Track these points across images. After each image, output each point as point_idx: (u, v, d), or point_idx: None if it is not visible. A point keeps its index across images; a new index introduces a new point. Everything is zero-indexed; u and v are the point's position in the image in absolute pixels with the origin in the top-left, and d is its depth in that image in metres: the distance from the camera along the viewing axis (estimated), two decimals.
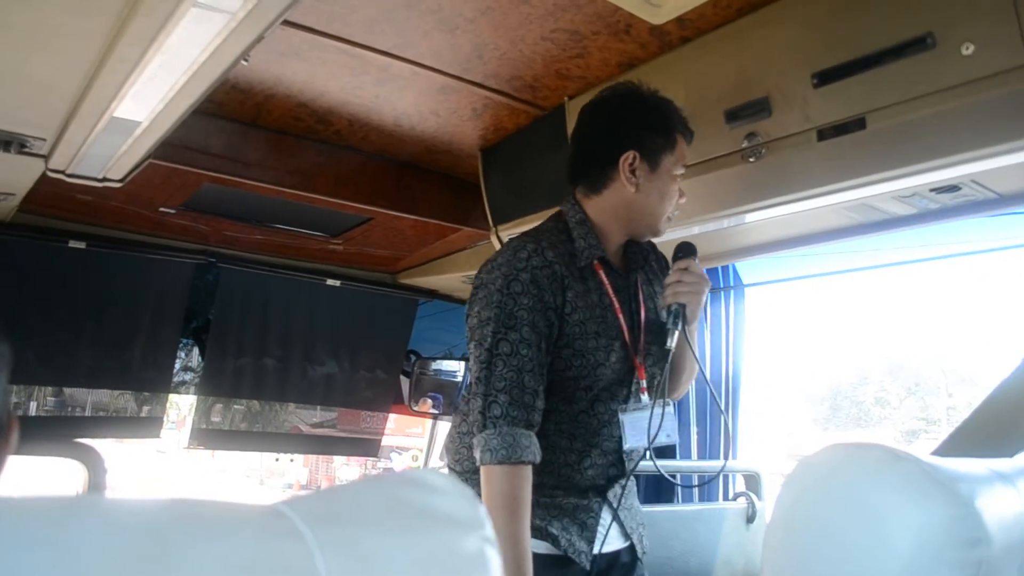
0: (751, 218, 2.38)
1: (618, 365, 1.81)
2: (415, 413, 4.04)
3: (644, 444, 1.81)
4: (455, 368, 3.94)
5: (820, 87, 1.83)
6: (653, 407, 1.81)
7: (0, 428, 0.79)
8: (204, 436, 3.71)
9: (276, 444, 4.12)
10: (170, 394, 3.58)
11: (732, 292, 3.33)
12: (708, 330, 3.36)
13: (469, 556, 0.49)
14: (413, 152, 2.93)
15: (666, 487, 3.32)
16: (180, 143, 2.46)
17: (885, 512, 0.64)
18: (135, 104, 1.65)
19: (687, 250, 1.86)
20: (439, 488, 0.51)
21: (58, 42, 1.38)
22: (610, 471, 1.85)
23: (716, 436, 3.29)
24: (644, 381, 1.84)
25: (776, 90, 1.92)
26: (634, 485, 1.99)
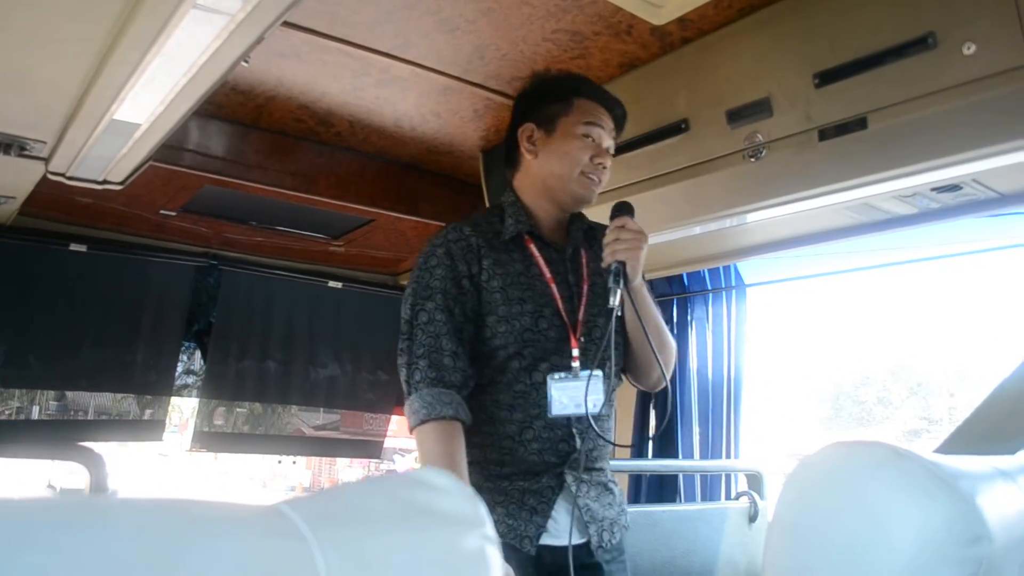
0: (753, 218, 2.38)
1: (552, 333, 1.80)
2: None
3: (570, 413, 1.76)
4: None
5: (821, 87, 1.83)
6: (590, 379, 1.75)
7: None
8: (206, 439, 3.71)
9: (279, 447, 4.12)
10: (172, 397, 3.58)
11: (734, 292, 3.33)
12: (710, 330, 3.36)
13: (470, 555, 0.49)
14: (414, 153, 2.93)
15: (668, 487, 3.32)
16: (180, 145, 2.46)
17: (887, 510, 0.64)
18: (135, 106, 1.65)
19: (622, 208, 1.82)
20: (439, 487, 0.51)
21: (58, 45, 1.38)
22: (560, 446, 1.77)
23: (718, 435, 3.29)
24: (576, 350, 1.80)
25: (777, 90, 1.92)
26: (608, 479, 1.88)
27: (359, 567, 0.43)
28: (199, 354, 3.62)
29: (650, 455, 3.38)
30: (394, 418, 4.18)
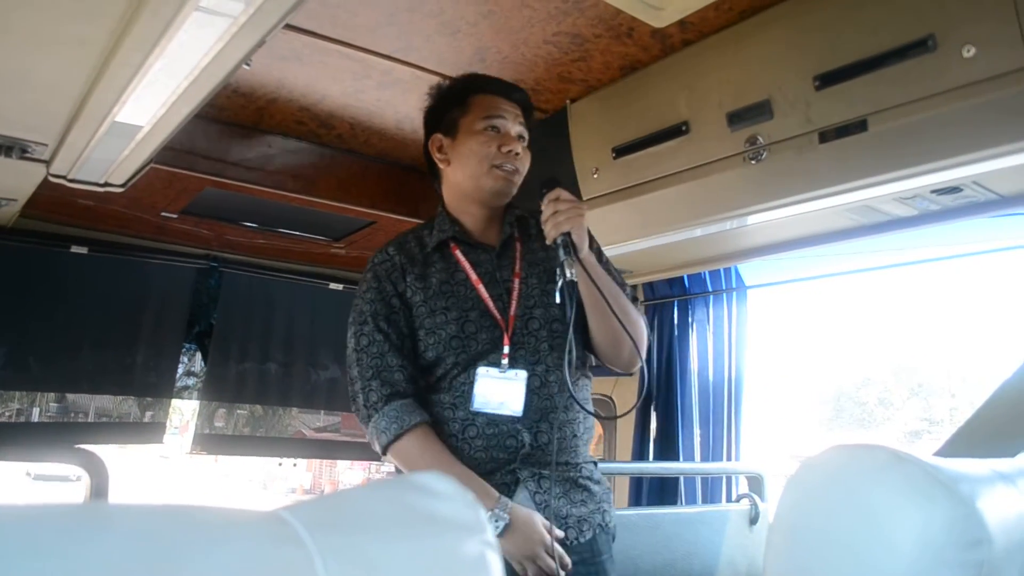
0: (753, 220, 2.38)
1: (482, 335, 1.79)
2: None
3: (491, 411, 1.75)
4: None
5: (821, 89, 1.84)
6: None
7: None
8: (207, 441, 3.70)
9: (279, 449, 4.11)
10: (173, 399, 3.57)
11: (735, 294, 3.33)
12: (711, 332, 3.36)
13: (470, 560, 0.49)
14: (415, 155, 2.93)
15: (669, 489, 3.32)
16: (182, 147, 2.46)
17: (887, 513, 0.64)
18: (137, 109, 1.65)
19: (551, 183, 1.80)
20: (440, 493, 0.51)
21: (60, 47, 1.39)
22: (508, 442, 1.74)
23: (719, 437, 3.29)
24: (507, 347, 1.78)
25: (778, 92, 1.93)
26: (583, 475, 1.82)
27: (360, 573, 0.43)
28: (200, 356, 3.62)
29: (651, 457, 3.38)
30: None
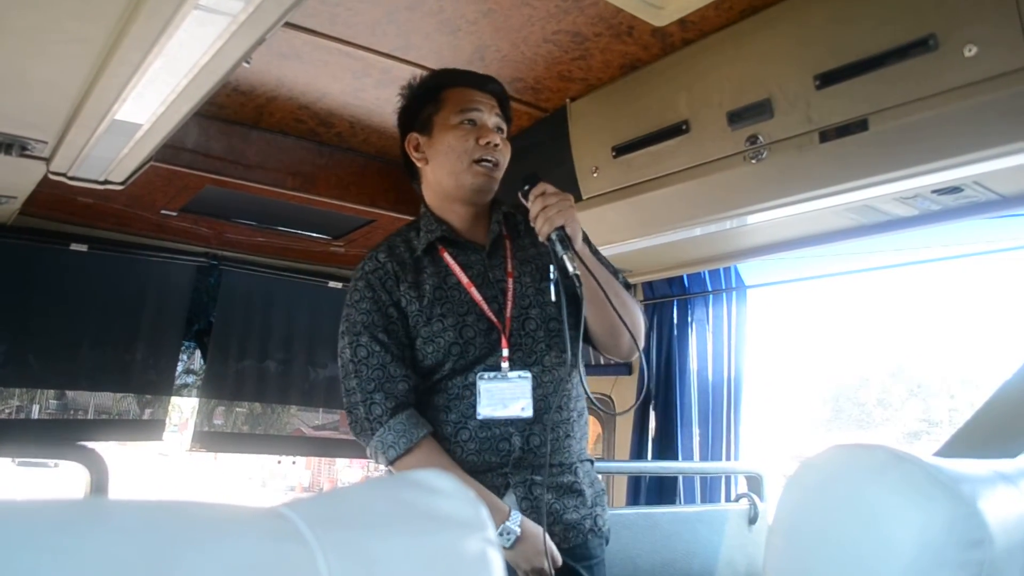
0: (753, 220, 2.38)
1: (480, 339, 1.76)
2: None
3: (498, 416, 1.73)
4: None
5: (822, 89, 1.83)
6: (518, 381, 1.75)
7: None
8: (206, 439, 3.70)
9: (278, 446, 4.11)
10: (172, 397, 3.58)
11: (734, 294, 3.33)
12: (710, 332, 3.36)
13: (471, 557, 0.49)
14: None
15: (668, 489, 3.32)
16: (181, 145, 2.46)
17: (887, 513, 0.64)
18: (136, 107, 1.65)
19: (532, 179, 1.77)
20: (441, 490, 0.51)
21: (60, 46, 1.38)
22: (500, 445, 1.72)
23: (718, 437, 3.29)
24: (507, 350, 1.76)
25: (778, 92, 1.92)
26: (576, 479, 1.80)
27: (361, 570, 0.43)
28: (199, 354, 3.62)
29: (649, 456, 3.38)
30: None
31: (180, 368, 3.58)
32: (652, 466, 3.24)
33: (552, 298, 1.80)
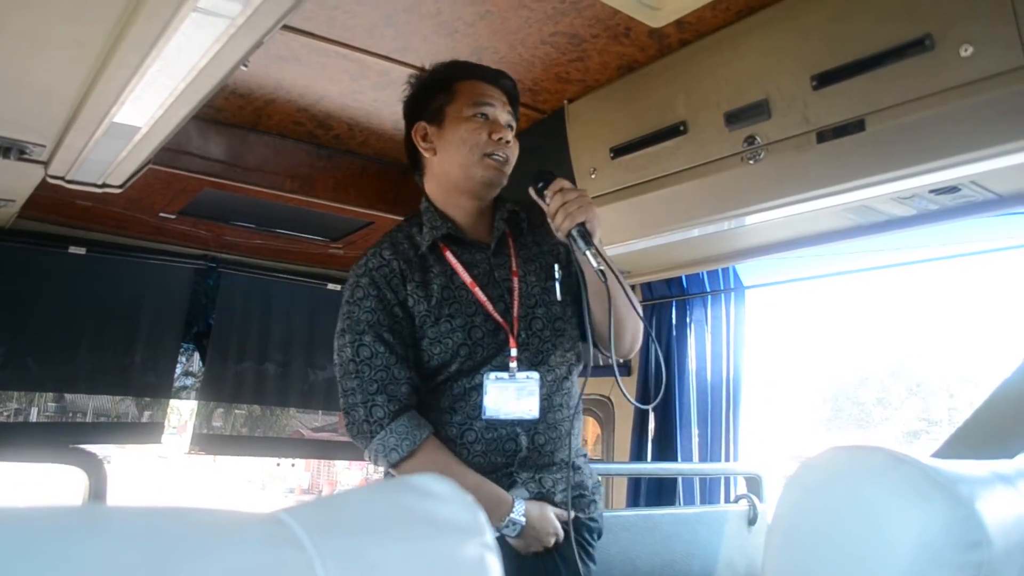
0: (751, 220, 2.38)
1: (487, 340, 1.74)
2: None
3: (504, 416, 1.71)
4: None
5: (819, 89, 1.83)
6: (526, 382, 1.75)
7: None
8: (205, 441, 3.70)
9: (277, 449, 4.11)
10: (171, 399, 3.57)
11: (732, 294, 3.33)
12: (709, 332, 3.36)
13: (469, 562, 0.49)
14: None
15: (667, 490, 3.32)
16: (180, 148, 2.46)
17: (886, 514, 0.64)
18: (135, 110, 1.65)
19: (547, 175, 1.75)
20: (439, 495, 0.51)
21: (58, 49, 1.38)
22: (507, 446, 1.71)
23: (717, 438, 3.29)
24: (515, 350, 1.74)
25: (775, 92, 1.93)
26: (580, 477, 1.82)
27: (359, 575, 0.43)
28: (198, 356, 3.62)
29: (649, 458, 3.38)
30: None
31: (179, 370, 3.58)
32: (651, 467, 3.24)
33: (558, 297, 1.81)
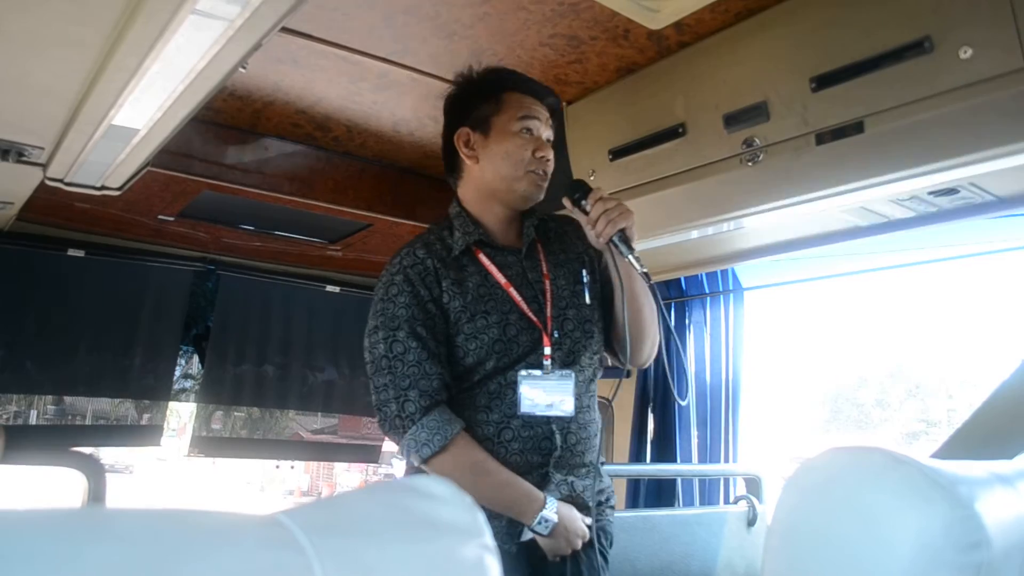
0: (750, 222, 2.38)
1: (523, 337, 1.77)
2: None
3: (540, 413, 1.75)
4: None
5: (818, 91, 1.84)
6: (574, 375, 1.79)
7: None
8: (204, 443, 3.70)
9: (277, 451, 4.11)
10: (170, 402, 3.58)
11: (731, 296, 3.33)
12: (708, 334, 3.36)
13: (469, 564, 0.49)
14: (411, 158, 2.94)
15: (667, 491, 3.32)
16: (178, 150, 2.46)
17: (885, 515, 0.64)
18: (133, 112, 1.65)
19: (582, 186, 1.82)
20: (438, 496, 0.51)
21: (56, 51, 1.38)
22: (543, 444, 1.74)
23: (717, 439, 3.29)
24: (549, 348, 1.78)
25: (774, 94, 1.93)
26: (600, 482, 1.85)
27: None
28: (197, 358, 3.62)
29: (648, 459, 3.38)
30: None
31: (178, 373, 3.58)
32: (651, 469, 3.25)
33: (587, 300, 1.86)
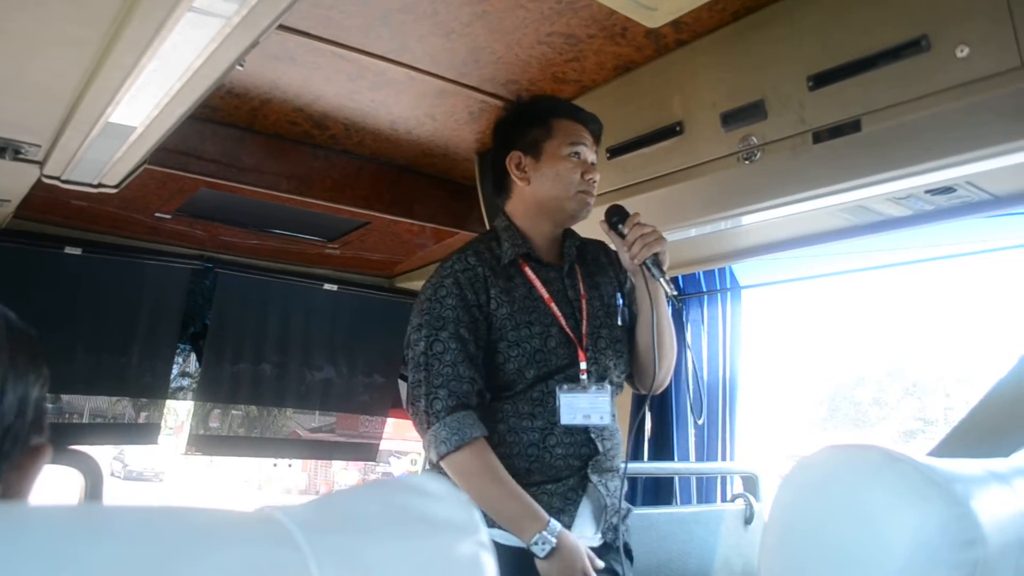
0: (747, 220, 2.38)
1: (561, 350, 1.88)
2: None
3: (579, 423, 1.85)
4: None
5: (815, 90, 1.84)
6: (598, 393, 1.89)
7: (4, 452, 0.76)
8: (202, 442, 3.70)
9: (274, 449, 4.11)
10: (168, 400, 3.57)
11: (729, 294, 3.33)
12: (705, 332, 3.36)
13: (464, 561, 0.49)
14: (409, 156, 2.93)
15: (664, 489, 3.32)
16: (176, 148, 2.46)
17: (881, 513, 0.64)
18: (130, 109, 1.64)
19: (622, 211, 1.96)
20: (434, 494, 0.51)
21: (53, 49, 1.38)
22: (582, 450, 1.86)
23: (714, 437, 3.29)
24: (584, 363, 1.89)
25: (771, 93, 1.93)
26: (621, 483, 1.96)
27: (354, 575, 0.43)
28: (194, 357, 3.61)
29: (646, 457, 3.38)
30: (390, 420, 4.18)
31: (175, 371, 3.58)
32: (648, 467, 3.25)
33: (619, 321, 2.00)
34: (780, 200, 2.15)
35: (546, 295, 1.93)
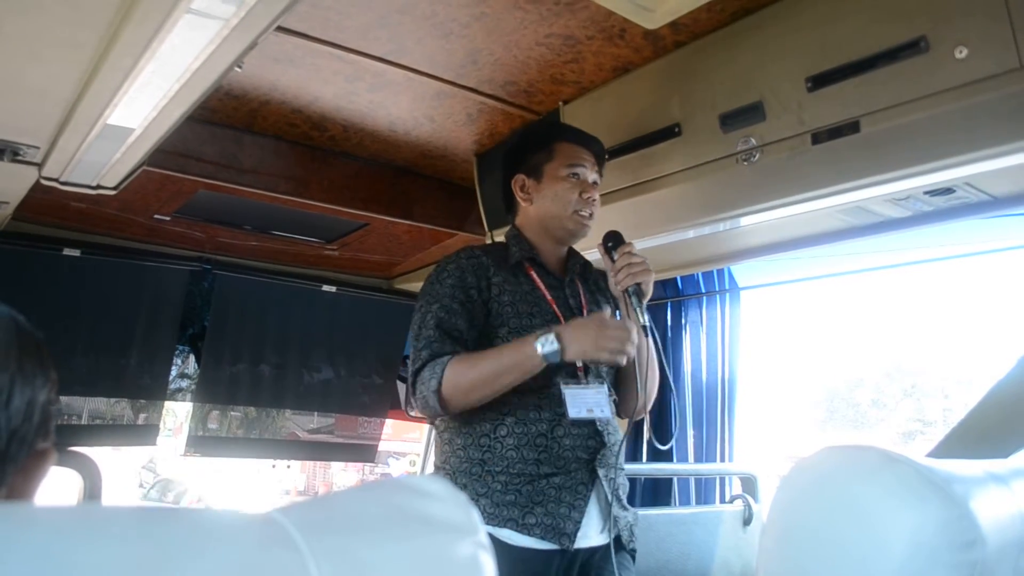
0: (746, 221, 2.38)
1: None
2: (412, 418, 4.06)
3: (583, 417, 1.90)
4: None
5: (814, 91, 1.84)
6: (598, 389, 1.95)
7: (10, 456, 0.76)
8: (201, 443, 3.69)
9: (273, 451, 4.11)
10: (166, 401, 3.57)
11: (727, 295, 3.33)
12: (704, 333, 3.37)
13: (463, 562, 0.49)
14: (408, 157, 2.93)
15: (663, 490, 3.32)
16: (174, 150, 2.46)
17: (880, 514, 0.64)
18: (129, 111, 1.64)
19: (617, 237, 2.02)
20: (433, 494, 0.51)
21: (51, 51, 1.38)
22: (589, 442, 1.91)
23: (713, 438, 3.30)
24: (581, 362, 1.94)
25: (770, 94, 1.93)
26: (625, 480, 2.02)
27: (353, 575, 0.43)
28: (193, 358, 3.61)
29: (644, 458, 3.38)
30: (388, 422, 4.18)
31: (174, 372, 3.57)
32: (647, 468, 3.25)
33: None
34: (779, 201, 2.15)
35: (549, 297, 2.01)
